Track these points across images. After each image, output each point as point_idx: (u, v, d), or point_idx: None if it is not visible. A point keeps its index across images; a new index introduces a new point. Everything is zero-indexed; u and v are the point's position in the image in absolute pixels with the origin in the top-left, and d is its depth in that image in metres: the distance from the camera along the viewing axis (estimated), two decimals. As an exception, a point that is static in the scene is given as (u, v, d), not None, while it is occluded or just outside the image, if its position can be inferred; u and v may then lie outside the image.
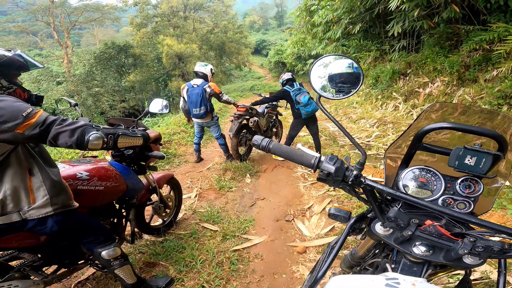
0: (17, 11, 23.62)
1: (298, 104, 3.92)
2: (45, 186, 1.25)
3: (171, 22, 20.02)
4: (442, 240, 0.70)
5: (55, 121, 1.14)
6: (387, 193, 0.71)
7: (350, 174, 0.72)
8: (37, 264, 1.47)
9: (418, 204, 0.67)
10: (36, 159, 1.25)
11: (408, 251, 0.73)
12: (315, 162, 0.73)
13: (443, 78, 6.04)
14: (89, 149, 1.18)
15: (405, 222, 0.70)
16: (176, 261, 2.18)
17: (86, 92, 16.29)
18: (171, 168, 4.37)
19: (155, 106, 2.00)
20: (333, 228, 2.61)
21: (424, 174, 0.83)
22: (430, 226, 0.71)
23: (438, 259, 0.70)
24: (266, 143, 0.79)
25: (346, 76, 0.81)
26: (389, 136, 5.30)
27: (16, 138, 1.09)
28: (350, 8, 7.89)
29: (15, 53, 1.24)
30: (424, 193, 0.82)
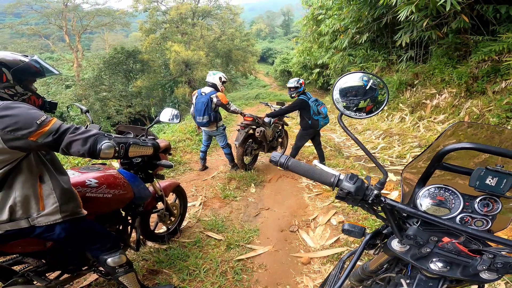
0: (31, 14, 24.21)
1: (318, 115, 3.93)
2: (55, 193, 1.25)
3: (179, 28, 20.37)
4: (461, 256, 0.71)
5: (69, 130, 1.14)
6: (408, 212, 0.73)
7: (371, 193, 0.72)
8: (41, 270, 1.48)
9: (438, 223, 0.68)
10: (47, 167, 1.26)
11: (425, 267, 0.74)
12: (334, 180, 0.74)
13: (451, 90, 6.00)
14: (101, 158, 1.19)
15: (424, 240, 0.71)
16: (180, 269, 2.17)
17: (94, 97, 16.55)
18: (176, 175, 4.38)
19: (166, 115, 2.01)
20: (338, 240, 2.59)
21: (443, 192, 0.83)
22: (448, 243, 0.72)
23: (455, 275, 0.71)
24: (285, 160, 0.79)
25: (370, 92, 0.81)
26: (394, 148, 5.26)
27: (29, 146, 1.10)
28: (357, 17, 7.94)
29: (31, 59, 1.25)
30: (441, 211, 0.82)
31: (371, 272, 1.06)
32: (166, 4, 21.31)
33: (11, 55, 1.20)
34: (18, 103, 1.12)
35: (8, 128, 1.04)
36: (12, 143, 1.06)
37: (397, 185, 3.59)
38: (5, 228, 1.19)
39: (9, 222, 1.19)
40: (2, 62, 1.16)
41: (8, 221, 1.18)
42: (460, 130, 0.98)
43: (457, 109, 5.75)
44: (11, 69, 1.17)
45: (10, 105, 1.08)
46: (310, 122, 3.96)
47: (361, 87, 0.82)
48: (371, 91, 0.81)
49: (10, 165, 1.12)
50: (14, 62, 1.18)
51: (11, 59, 1.18)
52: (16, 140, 1.06)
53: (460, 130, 0.99)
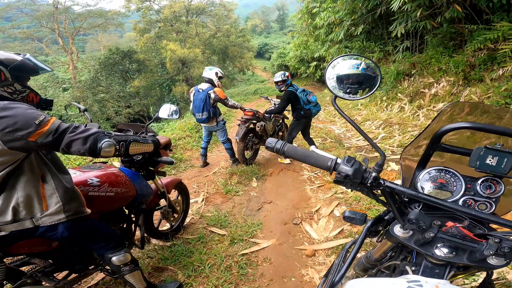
0: (21, 17, 23.90)
1: (309, 104, 3.96)
2: (58, 193, 1.25)
3: (174, 27, 20.22)
4: (466, 241, 0.69)
5: (68, 129, 1.13)
6: (409, 195, 0.70)
7: (369, 176, 0.71)
8: (48, 270, 1.48)
9: (441, 206, 0.66)
10: (49, 166, 1.25)
11: (430, 253, 0.71)
12: (331, 164, 0.72)
13: (449, 78, 6.00)
14: (102, 157, 1.18)
15: (427, 224, 0.69)
16: (185, 265, 2.18)
17: (92, 98, 16.48)
18: (177, 173, 4.38)
19: (164, 111, 2.00)
20: (342, 231, 2.59)
21: (443, 175, 0.82)
22: (452, 228, 0.69)
23: (462, 261, 0.69)
24: (281, 145, 0.78)
25: (363, 76, 0.80)
26: (395, 137, 5.26)
27: (29, 146, 1.09)
28: (352, 10, 7.91)
29: (24, 57, 1.25)
30: (443, 194, 0.81)
31: (376, 260, 1.04)
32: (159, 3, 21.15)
33: (5, 53, 1.19)
34: (16, 103, 1.11)
35: (7, 129, 1.03)
36: (11, 144, 1.05)
37: (399, 174, 3.59)
38: (10, 229, 1.19)
39: (13, 223, 1.18)
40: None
41: (12, 222, 1.18)
42: (456, 111, 0.97)
43: (455, 97, 5.75)
44: (8, 67, 1.16)
45: (7, 105, 1.07)
46: (303, 112, 4.00)
47: (360, 75, 0.80)
48: (369, 79, 0.80)
49: (11, 166, 1.12)
50: (10, 60, 1.17)
51: (7, 57, 1.17)
52: (16, 141, 1.05)
53: (457, 111, 0.97)
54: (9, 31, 23.73)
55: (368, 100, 8.29)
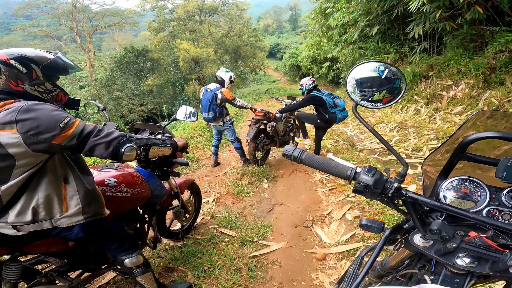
0: (41, 16, 24.55)
1: (335, 108, 3.93)
2: (78, 195, 1.25)
3: (187, 26, 20.40)
4: (489, 251, 0.68)
5: (92, 132, 1.13)
6: (432, 206, 0.70)
7: (391, 186, 0.70)
8: (63, 269, 1.50)
9: (465, 216, 0.66)
10: (72, 167, 1.25)
11: (451, 263, 0.71)
12: (351, 174, 0.71)
13: (468, 81, 5.82)
14: (123, 161, 1.19)
15: (450, 234, 0.68)
16: (195, 266, 2.19)
17: (107, 96, 16.84)
18: (189, 172, 4.42)
19: (182, 113, 2.02)
20: (354, 235, 2.56)
21: (467, 184, 0.80)
22: (475, 238, 0.69)
23: (484, 270, 0.69)
24: (298, 153, 0.77)
25: (381, 79, 0.78)
26: (410, 140, 5.14)
27: (52, 149, 1.09)
28: (366, 10, 7.76)
29: (56, 55, 1.24)
30: (467, 204, 0.79)
31: (391, 268, 1.03)
32: (173, 2, 21.37)
33: (36, 51, 1.19)
34: (42, 104, 1.10)
35: (31, 132, 1.03)
36: (35, 147, 1.05)
37: (414, 178, 3.51)
38: (29, 229, 1.19)
39: (32, 223, 1.18)
40: (31, 59, 1.14)
41: (31, 222, 1.18)
42: (480, 121, 0.94)
43: (475, 100, 5.58)
44: (40, 65, 1.16)
45: (32, 106, 1.05)
46: (328, 116, 3.96)
47: (377, 78, 0.78)
48: (387, 82, 0.77)
49: (34, 168, 1.12)
50: (42, 59, 1.17)
51: (39, 56, 1.17)
52: (39, 144, 1.05)
53: (481, 120, 0.95)
54: (29, 29, 24.45)
55: (382, 102, 8.12)
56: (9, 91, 1.11)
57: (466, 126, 0.89)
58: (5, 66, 1.09)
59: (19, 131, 1.02)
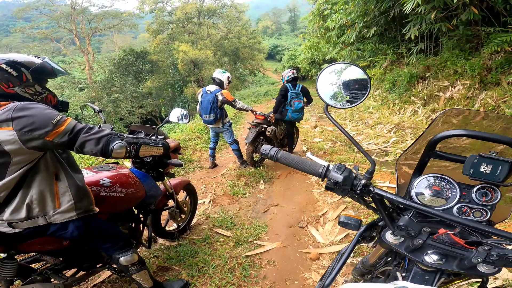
0: (40, 18, 24.57)
1: (289, 106, 4.11)
2: (70, 191, 1.29)
3: (186, 28, 20.47)
4: (456, 248, 0.69)
5: (83, 129, 1.18)
6: (397, 202, 0.71)
7: (359, 183, 0.72)
8: (58, 267, 1.52)
9: (429, 213, 0.67)
10: (63, 165, 1.30)
11: (420, 260, 0.72)
12: (323, 171, 0.74)
13: (464, 82, 5.85)
14: (113, 157, 1.23)
15: (416, 230, 0.70)
16: (189, 265, 2.22)
17: (107, 98, 16.91)
18: (186, 174, 4.45)
19: (175, 115, 2.06)
20: (347, 235, 2.58)
21: (438, 182, 0.81)
22: (443, 235, 0.70)
23: (451, 268, 0.70)
24: (274, 152, 0.80)
25: (353, 83, 0.81)
26: (407, 141, 5.17)
27: (46, 145, 1.14)
28: (364, 11, 7.81)
29: (43, 60, 1.30)
30: (438, 201, 0.80)
31: (371, 265, 1.05)
32: (172, 5, 21.47)
33: (25, 56, 1.25)
34: (34, 104, 1.15)
35: (25, 129, 1.08)
36: (29, 143, 1.10)
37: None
38: (24, 226, 1.23)
39: (27, 220, 1.22)
40: (20, 63, 1.20)
41: (26, 219, 1.22)
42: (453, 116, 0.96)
43: (471, 100, 5.60)
44: (29, 69, 1.21)
45: (26, 106, 1.11)
46: (283, 110, 4.20)
47: (365, 80, 0.81)
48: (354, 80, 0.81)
49: (28, 165, 1.16)
50: (30, 63, 1.23)
51: (27, 60, 1.23)
52: (33, 140, 1.10)
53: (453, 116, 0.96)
54: (28, 31, 24.47)
55: (380, 103, 8.17)
56: (1, 94, 1.17)
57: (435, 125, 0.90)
58: None
59: (15, 128, 1.07)
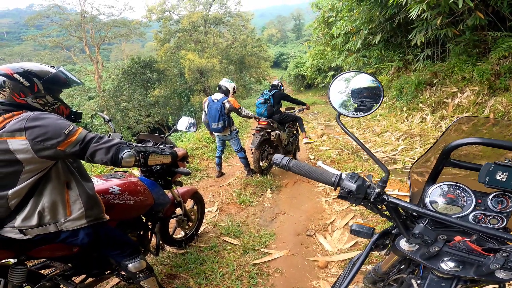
0: (51, 26, 25.06)
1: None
2: (81, 199, 1.31)
3: (192, 37, 20.77)
4: (473, 255, 0.69)
5: (93, 139, 1.20)
6: (412, 210, 0.72)
7: (372, 192, 0.72)
8: (67, 274, 1.54)
9: (445, 221, 0.67)
10: (74, 174, 1.32)
11: (436, 267, 0.72)
12: (335, 180, 0.74)
13: (473, 88, 5.78)
14: (122, 166, 1.24)
15: (432, 238, 0.69)
16: (197, 273, 2.21)
17: (115, 107, 17.14)
18: (193, 182, 4.47)
19: (183, 124, 2.08)
20: (356, 243, 2.55)
21: (453, 190, 0.81)
22: (459, 242, 0.70)
23: (468, 274, 0.69)
24: (286, 161, 0.80)
25: (366, 91, 0.81)
26: (416, 149, 5.10)
27: (57, 155, 1.16)
28: (369, 18, 7.84)
29: (58, 69, 1.30)
30: (453, 209, 0.80)
31: (384, 273, 1.05)
32: (178, 13, 21.84)
33: (40, 65, 1.26)
34: (47, 114, 1.17)
35: (38, 139, 1.10)
36: (42, 153, 1.12)
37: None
38: (35, 233, 1.24)
39: (38, 227, 1.23)
40: (33, 72, 1.21)
41: (37, 226, 1.23)
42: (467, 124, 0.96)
43: (480, 107, 5.53)
44: (42, 79, 1.23)
45: (39, 116, 1.14)
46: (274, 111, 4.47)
47: (375, 88, 0.81)
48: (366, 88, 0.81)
49: (40, 174, 1.18)
50: (44, 73, 1.24)
51: (41, 70, 1.24)
52: (46, 150, 1.12)
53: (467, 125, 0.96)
54: (40, 39, 24.96)
55: (387, 110, 8.11)
56: (13, 104, 1.19)
57: (448, 133, 0.90)
58: (9, 80, 1.17)
59: (28, 137, 1.09)
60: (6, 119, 1.12)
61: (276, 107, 4.44)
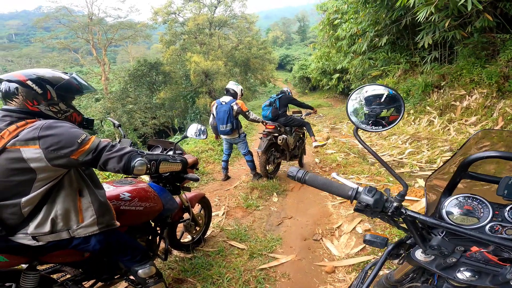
0: (59, 28, 25.29)
1: None
2: (93, 206, 1.32)
3: (197, 39, 20.84)
4: (489, 265, 0.70)
5: (106, 147, 1.20)
6: (431, 224, 0.73)
7: (390, 205, 0.73)
8: (78, 279, 1.55)
9: (464, 234, 0.68)
10: (86, 181, 1.33)
11: (452, 277, 0.73)
12: (352, 193, 0.75)
13: (481, 90, 5.72)
14: (134, 174, 1.25)
15: (450, 249, 0.71)
16: (204, 278, 2.21)
17: (121, 109, 17.27)
18: (199, 186, 4.48)
19: (192, 130, 2.10)
20: (364, 248, 2.53)
21: (470, 202, 0.81)
22: (476, 253, 0.71)
23: (485, 284, 0.71)
24: (302, 174, 0.81)
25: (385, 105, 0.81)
26: (423, 152, 5.04)
27: (71, 164, 1.17)
28: (375, 20, 7.81)
29: (71, 76, 1.29)
30: (470, 220, 0.80)
31: (396, 281, 1.05)
32: (184, 16, 21.97)
33: (53, 72, 1.25)
34: (60, 122, 1.18)
35: (52, 147, 1.10)
36: (55, 162, 1.13)
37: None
38: (47, 240, 1.25)
39: (51, 233, 1.24)
40: (46, 79, 1.20)
41: (50, 233, 1.24)
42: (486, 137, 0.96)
43: (489, 110, 5.46)
44: (55, 86, 1.22)
45: (52, 124, 1.14)
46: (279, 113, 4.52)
47: (387, 96, 0.81)
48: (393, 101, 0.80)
49: (53, 181, 1.19)
50: (57, 79, 1.24)
51: (54, 76, 1.24)
52: (59, 159, 1.13)
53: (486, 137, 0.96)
54: (48, 41, 25.22)
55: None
56: (27, 111, 1.19)
57: (467, 145, 0.91)
58: (22, 87, 1.17)
59: (41, 146, 1.10)
60: (19, 127, 1.12)
61: (282, 110, 4.42)
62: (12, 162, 1.11)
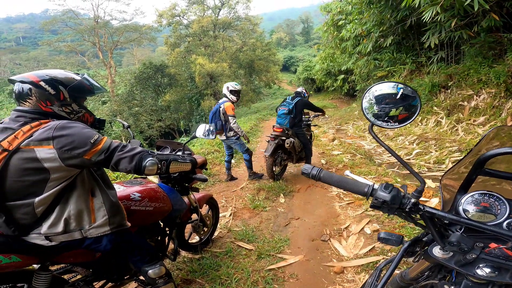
0: (66, 31, 25.71)
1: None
2: (105, 207, 1.34)
3: (202, 41, 20.98)
4: (509, 261, 0.70)
5: (117, 148, 1.22)
6: (450, 220, 0.73)
7: (408, 202, 0.73)
8: (89, 279, 1.57)
9: (484, 229, 0.68)
10: (98, 182, 1.35)
11: (472, 273, 0.73)
12: (368, 190, 0.75)
13: (489, 90, 5.64)
14: (145, 174, 1.26)
15: (469, 246, 0.70)
16: (212, 279, 2.22)
17: (128, 112, 17.44)
18: (206, 187, 4.50)
19: (201, 130, 2.11)
20: (373, 249, 2.52)
21: (487, 198, 0.82)
22: (495, 249, 0.71)
23: (505, 279, 0.71)
24: (317, 171, 0.82)
25: (400, 102, 0.81)
26: (431, 153, 4.99)
27: (83, 163, 1.18)
28: (379, 21, 7.76)
29: (83, 77, 1.31)
30: (487, 217, 0.81)
31: (411, 279, 1.04)
32: (188, 18, 22.13)
33: (65, 72, 1.27)
34: (73, 123, 1.20)
35: (65, 148, 1.12)
36: (68, 162, 1.14)
37: (436, 192, 3.41)
38: (60, 240, 1.26)
39: (63, 233, 1.25)
40: (59, 80, 1.22)
41: (62, 233, 1.25)
42: (501, 134, 0.96)
43: (497, 110, 5.38)
44: (67, 87, 1.24)
45: (66, 125, 1.16)
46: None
47: (395, 94, 0.82)
48: (405, 99, 0.81)
49: (66, 182, 1.21)
50: (69, 80, 1.25)
51: (66, 77, 1.25)
52: (73, 159, 1.14)
53: (502, 133, 0.96)
54: (55, 44, 25.60)
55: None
56: (40, 112, 1.21)
57: (483, 142, 0.91)
58: (36, 88, 1.19)
59: (55, 146, 1.12)
60: (34, 127, 1.14)
61: (298, 117, 4.30)
62: (26, 162, 1.12)
